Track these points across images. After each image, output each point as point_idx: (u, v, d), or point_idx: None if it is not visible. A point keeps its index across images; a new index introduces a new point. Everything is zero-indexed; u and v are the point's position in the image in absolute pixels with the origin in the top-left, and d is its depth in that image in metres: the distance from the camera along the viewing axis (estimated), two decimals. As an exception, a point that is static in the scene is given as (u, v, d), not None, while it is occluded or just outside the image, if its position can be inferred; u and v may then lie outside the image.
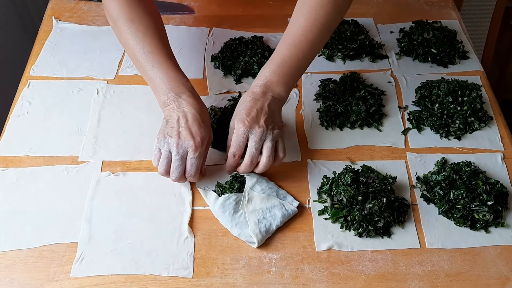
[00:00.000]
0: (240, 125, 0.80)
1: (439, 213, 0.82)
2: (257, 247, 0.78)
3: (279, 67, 0.84)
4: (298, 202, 0.83)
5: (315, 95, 1.00)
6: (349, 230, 0.80)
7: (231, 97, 0.98)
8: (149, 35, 0.86)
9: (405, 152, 0.91)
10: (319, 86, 1.01)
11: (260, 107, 0.82)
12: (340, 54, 1.08)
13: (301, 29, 0.84)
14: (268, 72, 0.84)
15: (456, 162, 0.87)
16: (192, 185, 0.86)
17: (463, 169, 0.85)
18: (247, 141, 0.81)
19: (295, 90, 1.01)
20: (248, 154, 0.81)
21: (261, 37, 1.12)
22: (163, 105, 0.84)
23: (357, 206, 0.80)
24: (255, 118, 0.81)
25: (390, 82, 1.04)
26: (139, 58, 0.86)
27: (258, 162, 0.82)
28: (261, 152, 0.81)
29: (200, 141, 0.79)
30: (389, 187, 0.82)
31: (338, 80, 1.01)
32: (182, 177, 0.81)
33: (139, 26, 0.86)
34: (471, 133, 0.94)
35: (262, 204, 0.81)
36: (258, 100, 0.82)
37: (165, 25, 1.06)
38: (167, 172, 0.81)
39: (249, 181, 0.83)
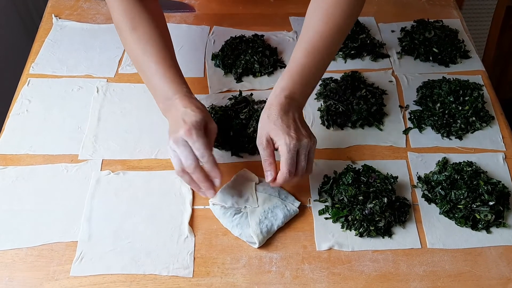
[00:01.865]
0: (289, 139, 0.76)
1: (440, 213, 0.82)
2: (258, 247, 0.77)
3: (300, 77, 0.81)
4: (299, 202, 0.82)
5: (316, 94, 1.00)
6: (350, 230, 0.80)
7: (232, 95, 0.98)
8: (150, 44, 0.84)
9: (406, 151, 0.91)
10: (320, 85, 1.01)
11: (293, 119, 0.79)
12: (341, 53, 1.08)
13: (318, 34, 0.82)
14: (290, 82, 0.81)
15: (458, 162, 0.87)
16: (193, 184, 0.85)
17: (465, 169, 0.85)
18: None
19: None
20: (298, 166, 0.78)
21: (262, 35, 1.11)
22: (164, 113, 0.84)
23: (358, 206, 0.80)
24: (298, 130, 0.78)
25: (391, 81, 1.04)
26: (141, 65, 0.85)
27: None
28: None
29: (192, 125, 0.76)
30: (390, 187, 0.82)
31: (339, 79, 1.01)
32: (198, 166, 0.77)
33: (142, 34, 0.85)
34: (472, 132, 0.94)
35: (264, 205, 0.81)
36: (288, 112, 0.79)
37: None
38: (183, 170, 0.78)
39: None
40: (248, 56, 1.04)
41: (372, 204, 0.79)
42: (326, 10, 0.83)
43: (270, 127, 0.78)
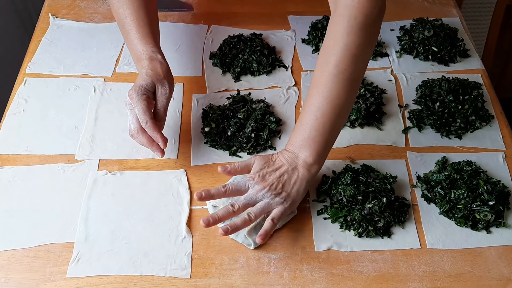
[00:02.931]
0: (248, 177, 0.78)
1: (439, 213, 0.81)
2: (256, 248, 0.77)
3: (306, 132, 0.79)
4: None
5: (314, 93, 0.99)
6: (349, 230, 0.79)
7: (230, 95, 0.97)
8: (135, 5, 0.90)
9: (405, 151, 0.90)
10: (318, 84, 1.00)
11: (276, 167, 0.78)
12: (340, 52, 1.07)
13: (326, 99, 0.78)
14: (293, 138, 0.80)
15: (457, 161, 0.87)
16: (191, 185, 0.85)
17: (464, 168, 0.84)
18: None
19: (294, 88, 1.00)
20: (235, 199, 0.77)
21: (260, 34, 1.11)
22: (137, 68, 0.89)
23: (357, 206, 0.79)
24: (264, 176, 0.78)
25: (390, 80, 1.03)
26: (123, 22, 0.90)
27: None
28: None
29: (135, 89, 0.82)
30: (389, 187, 0.81)
31: (338, 78, 1.00)
32: (141, 129, 0.82)
33: None
34: (472, 132, 0.93)
35: None
36: (279, 161, 0.79)
37: (163, 22, 1.05)
38: (131, 134, 0.83)
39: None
40: (246, 55, 1.03)
41: (371, 204, 0.79)
42: (334, 66, 0.77)
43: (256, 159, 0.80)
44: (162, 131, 0.84)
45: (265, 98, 0.98)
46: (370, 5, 0.77)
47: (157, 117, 0.84)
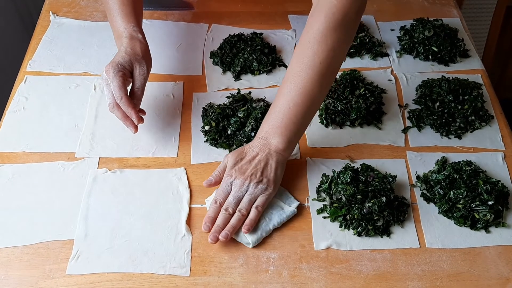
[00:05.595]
0: (227, 176, 0.80)
1: (439, 213, 0.82)
2: (255, 246, 0.77)
3: (278, 120, 0.81)
4: (298, 203, 0.82)
5: (314, 92, 0.99)
6: (348, 229, 0.79)
7: (230, 94, 0.98)
8: None
9: (405, 150, 0.91)
10: (318, 83, 1.00)
11: (251, 158, 0.80)
12: (340, 51, 1.07)
13: (299, 90, 0.80)
14: (266, 125, 0.82)
15: (457, 161, 0.87)
16: (190, 183, 0.85)
17: (464, 168, 0.84)
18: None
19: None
20: (226, 203, 0.79)
21: (261, 33, 1.11)
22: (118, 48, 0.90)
23: (356, 205, 0.79)
24: (241, 169, 0.79)
25: (390, 80, 1.03)
26: (105, 2, 0.92)
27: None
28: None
29: (112, 65, 0.83)
30: (388, 186, 0.81)
31: (338, 77, 1.00)
32: (116, 105, 0.83)
33: None
34: (471, 132, 0.93)
35: None
36: (252, 151, 0.81)
37: (164, 21, 1.05)
38: (109, 107, 0.84)
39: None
40: (246, 54, 1.04)
41: (370, 203, 0.79)
42: (309, 53, 0.80)
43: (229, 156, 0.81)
44: (140, 113, 0.86)
45: (265, 97, 0.98)
46: (349, 3, 0.79)
47: (134, 96, 0.85)
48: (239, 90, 0.98)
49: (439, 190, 0.82)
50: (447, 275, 0.74)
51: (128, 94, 0.85)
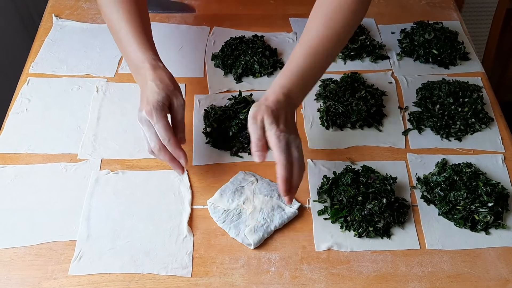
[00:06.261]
0: (279, 131, 0.75)
1: (439, 214, 0.82)
2: (257, 247, 0.77)
3: (299, 78, 0.80)
4: (299, 204, 0.82)
5: (315, 95, 1.00)
6: (349, 231, 0.79)
7: (231, 96, 0.98)
8: (124, 5, 0.86)
9: (405, 152, 0.91)
10: (319, 86, 1.01)
11: (285, 115, 0.78)
12: (341, 54, 1.08)
13: (319, 38, 0.82)
14: (289, 82, 0.80)
15: (457, 163, 0.87)
16: (192, 185, 0.85)
17: (464, 170, 0.85)
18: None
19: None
20: (293, 156, 0.76)
21: (262, 36, 1.11)
22: (135, 79, 0.85)
23: (357, 207, 0.80)
24: (287, 125, 0.77)
25: (391, 82, 1.04)
26: (115, 29, 0.87)
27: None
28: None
29: (153, 106, 0.77)
30: (389, 188, 0.82)
31: (338, 80, 1.01)
32: (162, 147, 0.78)
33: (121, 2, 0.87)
34: (471, 134, 0.94)
35: (262, 206, 0.81)
36: (283, 108, 0.78)
37: (165, 24, 1.05)
38: (151, 151, 0.80)
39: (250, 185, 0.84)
40: (248, 56, 1.04)
41: (371, 205, 0.79)
42: (328, 15, 0.82)
43: (262, 114, 0.76)
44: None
45: (266, 99, 0.98)
46: None
47: (178, 131, 0.81)
48: (240, 92, 0.99)
49: (439, 192, 0.83)
50: (447, 276, 0.75)
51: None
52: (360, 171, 0.85)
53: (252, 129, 0.75)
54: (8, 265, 0.75)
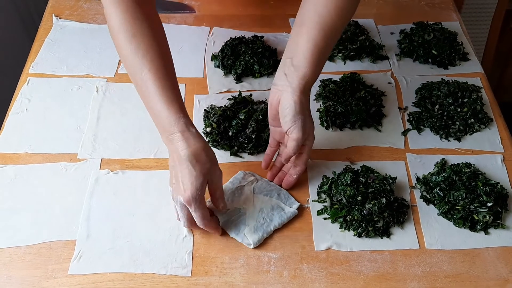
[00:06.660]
0: (301, 135, 0.78)
1: (438, 214, 0.82)
2: (256, 247, 0.77)
3: (318, 61, 0.79)
4: (298, 204, 0.82)
5: (315, 95, 1.00)
6: (348, 230, 0.80)
7: (231, 96, 0.98)
8: (149, 56, 0.77)
9: (405, 153, 0.91)
10: (319, 86, 1.01)
11: (308, 110, 0.80)
12: (340, 54, 1.08)
13: (330, 16, 0.79)
14: (310, 70, 0.78)
15: (456, 163, 0.87)
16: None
17: (463, 170, 0.85)
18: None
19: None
20: (301, 157, 0.83)
21: (262, 37, 1.11)
22: (162, 139, 0.78)
23: (357, 206, 0.80)
24: (310, 126, 0.80)
25: (390, 83, 1.04)
26: (137, 80, 0.78)
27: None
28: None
29: (192, 196, 0.72)
30: (388, 188, 0.82)
31: (338, 80, 1.01)
32: (195, 224, 0.76)
33: (140, 44, 0.77)
34: (471, 134, 0.94)
35: (262, 206, 0.81)
36: (305, 102, 0.79)
37: (165, 24, 1.05)
38: (180, 221, 0.78)
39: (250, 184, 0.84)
40: (247, 57, 1.04)
41: (370, 205, 0.79)
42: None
43: (284, 112, 0.78)
44: None
45: (266, 99, 0.98)
46: None
47: (216, 203, 0.78)
48: (240, 92, 0.99)
49: (438, 191, 0.83)
50: (447, 276, 0.75)
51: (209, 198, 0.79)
52: (359, 171, 0.85)
53: (295, 151, 0.79)
54: (8, 265, 0.75)
